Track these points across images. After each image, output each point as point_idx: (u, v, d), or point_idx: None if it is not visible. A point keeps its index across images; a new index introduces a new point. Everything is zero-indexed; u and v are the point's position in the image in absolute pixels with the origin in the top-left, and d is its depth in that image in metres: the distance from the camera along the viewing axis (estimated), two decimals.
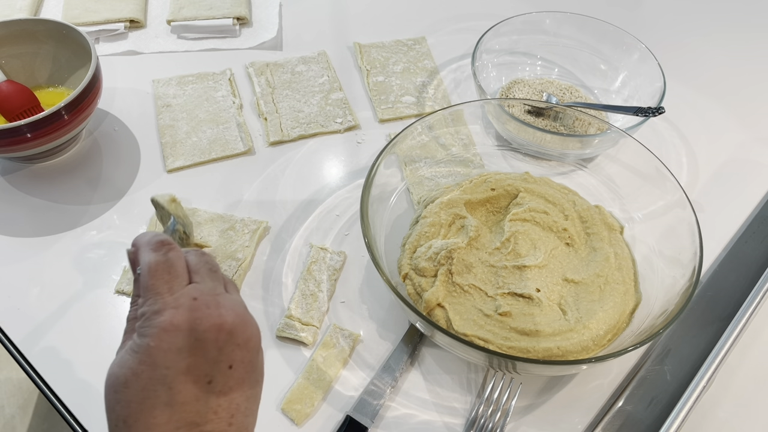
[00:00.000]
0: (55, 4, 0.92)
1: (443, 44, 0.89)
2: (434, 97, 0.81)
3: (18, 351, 0.56)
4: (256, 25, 0.91)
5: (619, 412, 0.54)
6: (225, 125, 0.76)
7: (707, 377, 0.55)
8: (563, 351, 0.53)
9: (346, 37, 0.90)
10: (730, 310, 0.60)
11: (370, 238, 0.54)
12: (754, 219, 0.70)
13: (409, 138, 0.64)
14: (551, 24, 0.83)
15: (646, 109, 0.69)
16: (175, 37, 0.88)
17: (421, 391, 0.55)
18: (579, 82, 0.83)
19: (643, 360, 0.58)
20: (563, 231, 0.62)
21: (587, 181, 0.68)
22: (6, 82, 0.68)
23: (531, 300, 0.56)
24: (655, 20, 0.97)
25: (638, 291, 0.58)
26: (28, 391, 1.25)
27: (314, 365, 0.55)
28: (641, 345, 0.48)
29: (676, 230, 0.58)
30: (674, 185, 0.59)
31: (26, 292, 0.60)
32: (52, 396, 0.54)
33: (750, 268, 0.64)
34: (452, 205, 0.63)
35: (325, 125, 0.77)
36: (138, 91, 0.80)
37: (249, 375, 0.38)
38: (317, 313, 0.59)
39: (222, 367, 0.36)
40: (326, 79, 0.82)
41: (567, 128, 0.73)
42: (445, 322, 0.55)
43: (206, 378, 0.36)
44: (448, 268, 0.57)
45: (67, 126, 0.64)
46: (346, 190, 0.70)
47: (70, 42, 0.70)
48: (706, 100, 0.84)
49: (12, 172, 0.70)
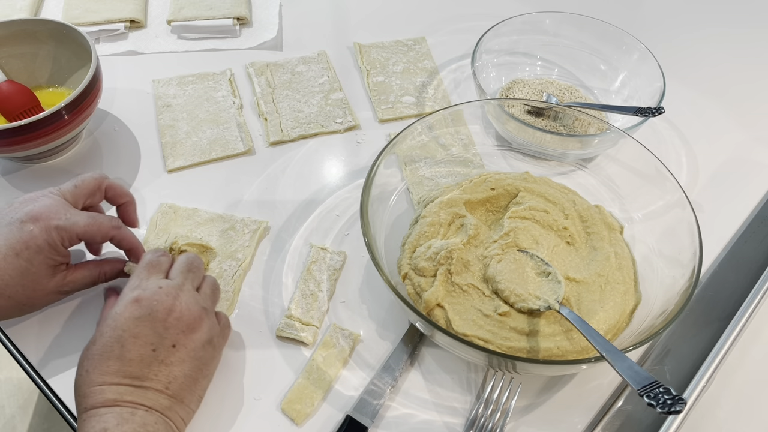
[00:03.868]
0: (56, 4, 0.92)
1: (443, 44, 0.89)
2: (434, 97, 0.82)
3: (18, 351, 0.56)
4: (256, 25, 0.91)
5: (619, 412, 0.54)
6: (225, 125, 0.76)
7: (707, 377, 0.55)
8: (563, 351, 0.53)
9: (346, 37, 0.90)
10: (730, 310, 0.60)
11: (370, 238, 0.54)
12: (754, 219, 0.70)
13: (409, 138, 0.64)
14: (551, 24, 0.83)
15: (646, 109, 0.69)
16: (175, 38, 0.88)
17: (421, 390, 0.55)
18: (579, 82, 0.83)
19: (643, 360, 0.58)
20: (564, 230, 0.62)
21: (587, 181, 0.68)
22: (6, 82, 0.68)
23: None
24: (655, 20, 0.97)
25: (638, 291, 0.58)
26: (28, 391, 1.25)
27: (314, 365, 0.55)
28: (641, 345, 0.48)
29: (676, 230, 0.58)
30: (674, 185, 0.59)
31: None
32: (52, 396, 0.54)
33: (750, 267, 0.64)
34: (452, 204, 0.63)
35: (325, 125, 0.77)
36: (138, 91, 0.80)
37: (190, 360, 0.47)
38: (317, 313, 0.59)
39: (166, 342, 0.46)
40: (326, 79, 0.82)
41: (567, 128, 0.73)
42: (444, 322, 0.55)
43: (151, 346, 0.45)
44: (447, 268, 0.57)
45: (67, 126, 0.64)
46: (346, 190, 0.70)
47: (70, 42, 0.70)
48: (705, 100, 0.84)
49: (12, 172, 0.70)
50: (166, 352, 0.46)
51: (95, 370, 0.44)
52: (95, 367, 0.45)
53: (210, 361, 0.49)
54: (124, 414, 0.43)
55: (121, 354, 0.45)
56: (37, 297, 0.52)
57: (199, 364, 0.48)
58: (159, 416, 0.45)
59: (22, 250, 0.49)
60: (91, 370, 0.45)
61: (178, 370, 0.46)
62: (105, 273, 0.56)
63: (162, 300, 0.47)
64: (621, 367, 0.45)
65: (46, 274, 0.51)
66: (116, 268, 0.56)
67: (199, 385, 0.48)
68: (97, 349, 0.45)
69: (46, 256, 0.50)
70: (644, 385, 0.43)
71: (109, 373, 0.44)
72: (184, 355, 0.47)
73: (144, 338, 0.45)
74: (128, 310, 0.46)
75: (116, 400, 0.44)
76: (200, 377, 0.48)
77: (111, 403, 0.43)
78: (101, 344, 0.45)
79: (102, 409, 0.43)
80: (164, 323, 0.46)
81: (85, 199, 0.55)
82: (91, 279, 0.55)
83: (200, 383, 0.49)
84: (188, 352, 0.47)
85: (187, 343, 0.47)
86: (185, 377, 0.46)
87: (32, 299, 0.52)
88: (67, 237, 0.51)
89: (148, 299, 0.47)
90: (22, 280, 0.49)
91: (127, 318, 0.46)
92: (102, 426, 0.42)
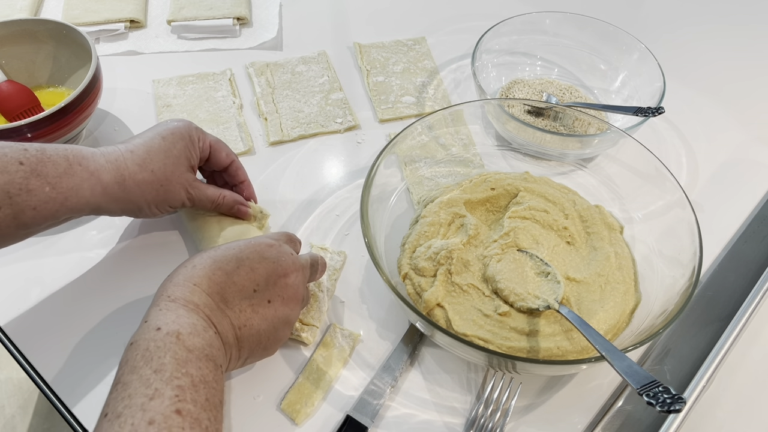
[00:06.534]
0: (56, 4, 0.92)
1: (443, 44, 0.89)
2: (434, 97, 0.82)
3: (18, 351, 0.56)
4: (256, 25, 0.91)
5: (619, 412, 0.54)
6: (225, 125, 0.76)
7: (707, 377, 0.55)
8: (563, 351, 0.53)
9: (346, 37, 0.90)
10: (730, 310, 0.60)
11: (370, 238, 0.54)
12: (754, 219, 0.70)
13: (409, 138, 0.64)
14: (551, 24, 0.83)
15: (646, 109, 0.69)
16: (175, 37, 0.88)
17: (421, 390, 0.55)
18: (579, 82, 0.83)
19: (643, 360, 0.58)
20: (564, 230, 0.62)
21: (587, 181, 0.68)
22: (6, 82, 0.68)
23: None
24: (655, 20, 0.97)
25: (638, 291, 0.58)
26: (28, 391, 1.25)
27: (314, 365, 0.55)
28: (641, 345, 0.48)
29: (676, 230, 0.58)
30: (674, 185, 0.59)
31: (26, 292, 0.60)
32: (53, 396, 0.54)
33: (750, 267, 0.64)
34: (452, 204, 0.63)
35: (325, 125, 0.77)
36: (138, 91, 0.80)
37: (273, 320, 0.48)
38: (317, 312, 0.59)
39: (267, 294, 0.48)
40: (326, 79, 0.83)
41: (567, 128, 0.73)
42: (444, 322, 0.55)
43: (256, 285, 0.48)
44: (447, 268, 0.57)
45: (67, 126, 0.64)
46: (346, 190, 0.70)
47: (70, 42, 0.70)
48: (705, 100, 0.84)
49: None
50: (261, 299, 0.48)
51: (202, 271, 0.46)
52: (204, 268, 0.46)
53: (279, 339, 0.50)
54: (198, 327, 0.43)
55: (231, 272, 0.47)
56: (173, 182, 0.56)
57: (274, 333, 0.49)
58: (222, 345, 0.45)
59: (167, 135, 0.56)
60: (198, 267, 0.46)
61: (257, 321, 0.47)
62: (225, 197, 0.60)
63: (287, 262, 0.50)
64: (621, 367, 0.45)
65: (184, 164, 0.57)
66: (233, 199, 0.61)
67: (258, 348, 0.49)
68: (217, 256, 0.47)
69: (186, 146, 0.57)
70: (644, 384, 0.43)
71: (211, 279, 0.46)
72: (270, 314, 0.48)
73: (256, 274, 0.48)
74: (261, 246, 0.49)
75: (198, 305, 0.44)
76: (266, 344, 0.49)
77: (193, 306, 0.44)
78: (222, 255, 0.47)
79: (182, 309, 0.43)
80: (276, 280, 0.48)
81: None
82: (213, 197, 0.60)
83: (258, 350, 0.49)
84: (275, 312, 0.48)
85: (278, 309, 0.48)
86: (258, 333, 0.48)
87: (170, 181, 0.56)
88: (202, 140, 0.59)
89: (280, 252, 0.50)
90: (165, 158, 0.55)
91: (257, 251, 0.48)
92: (176, 328, 0.42)
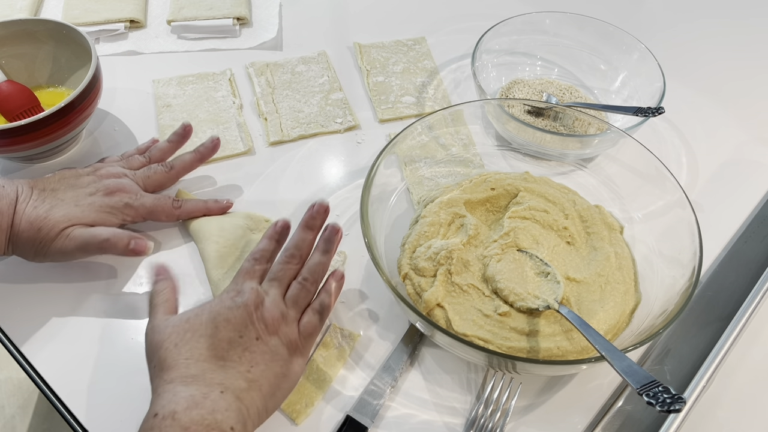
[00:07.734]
0: (56, 4, 0.92)
1: (443, 44, 0.89)
2: (434, 97, 0.82)
3: (18, 351, 0.56)
4: (256, 25, 0.91)
5: (619, 412, 0.54)
6: (225, 125, 0.76)
7: (707, 377, 0.55)
8: (563, 351, 0.53)
9: (346, 37, 0.90)
10: (730, 310, 0.60)
11: (370, 238, 0.54)
12: (754, 219, 0.70)
13: (409, 138, 0.64)
14: (551, 24, 0.83)
15: (646, 109, 0.69)
16: (175, 37, 0.88)
17: (421, 391, 0.55)
18: (579, 82, 0.83)
19: (643, 360, 0.58)
20: (564, 230, 0.62)
21: (587, 181, 0.68)
22: (6, 82, 0.68)
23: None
24: (655, 20, 0.97)
25: (638, 291, 0.58)
26: (28, 391, 1.25)
27: (314, 365, 0.55)
28: (641, 345, 0.48)
29: (676, 230, 0.58)
30: (674, 185, 0.59)
31: (26, 292, 0.60)
32: (52, 396, 0.54)
33: (750, 267, 0.64)
34: (452, 204, 0.63)
35: (325, 125, 0.77)
36: (138, 91, 0.80)
37: (271, 354, 0.50)
38: None
39: (251, 333, 0.49)
40: (326, 79, 0.83)
41: (567, 128, 0.73)
42: (444, 322, 0.55)
43: (239, 332, 0.49)
44: (447, 268, 0.57)
45: (67, 126, 0.64)
46: (346, 190, 0.70)
47: (70, 42, 0.70)
48: (706, 100, 0.84)
49: (12, 172, 0.70)
50: (249, 340, 0.49)
51: (186, 345, 0.48)
52: (186, 342, 0.48)
53: (289, 361, 0.51)
54: (197, 396, 0.44)
55: (212, 334, 0.48)
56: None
57: (282, 362, 0.50)
58: (233, 400, 0.46)
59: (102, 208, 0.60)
60: (180, 345, 0.48)
61: (260, 358, 0.49)
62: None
63: (252, 298, 0.51)
64: (621, 367, 0.45)
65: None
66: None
67: (275, 380, 0.49)
68: (191, 326, 0.49)
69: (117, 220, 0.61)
70: (644, 384, 0.43)
71: (198, 348, 0.48)
72: (266, 348, 0.49)
73: (234, 323, 0.49)
74: (225, 298, 0.51)
75: (196, 376, 0.46)
76: (281, 372, 0.50)
77: (191, 379, 0.46)
78: (197, 323, 0.49)
79: (179, 386, 0.45)
80: (252, 318, 0.50)
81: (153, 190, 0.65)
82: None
83: (278, 379, 0.49)
84: (270, 348, 0.50)
85: (269, 340, 0.50)
86: (267, 367, 0.49)
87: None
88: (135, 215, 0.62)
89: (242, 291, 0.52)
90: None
91: (223, 306, 0.50)
92: (172, 408, 0.43)
